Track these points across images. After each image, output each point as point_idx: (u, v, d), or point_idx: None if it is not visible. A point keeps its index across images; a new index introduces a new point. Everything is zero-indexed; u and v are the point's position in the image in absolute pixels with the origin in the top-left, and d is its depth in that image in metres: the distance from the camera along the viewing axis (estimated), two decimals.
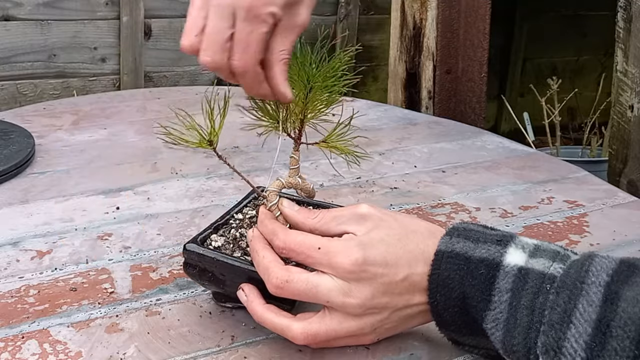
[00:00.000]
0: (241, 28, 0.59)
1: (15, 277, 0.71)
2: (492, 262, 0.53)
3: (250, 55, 0.60)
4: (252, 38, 0.59)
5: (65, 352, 0.59)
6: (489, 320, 0.53)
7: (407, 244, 0.57)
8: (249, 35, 0.59)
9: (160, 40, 2.37)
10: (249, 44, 0.59)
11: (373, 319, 0.57)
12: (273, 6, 0.59)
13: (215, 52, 0.60)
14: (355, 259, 0.55)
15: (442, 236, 0.57)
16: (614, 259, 0.51)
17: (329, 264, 0.56)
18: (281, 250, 0.58)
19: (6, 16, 2.19)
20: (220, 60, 0.60)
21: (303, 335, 0.57)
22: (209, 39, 0.60)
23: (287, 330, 0.57)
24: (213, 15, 0.59)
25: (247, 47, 0.59)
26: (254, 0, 0.58)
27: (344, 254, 0.55)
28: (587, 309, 0.48)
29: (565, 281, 0.50)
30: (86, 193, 0.91)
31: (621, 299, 0.48)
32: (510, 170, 1.03)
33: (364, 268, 0.55)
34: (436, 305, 0.55)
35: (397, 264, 0.56)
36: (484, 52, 1.78)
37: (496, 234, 0.56)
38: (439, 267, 0.55)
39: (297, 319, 0.58)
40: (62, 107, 1.26)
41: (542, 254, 0.53)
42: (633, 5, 1.34)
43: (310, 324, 0.57)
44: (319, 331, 0.57)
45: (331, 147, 0.64)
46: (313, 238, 0.58)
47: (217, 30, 0.59)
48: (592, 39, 3.01)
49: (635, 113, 1.35)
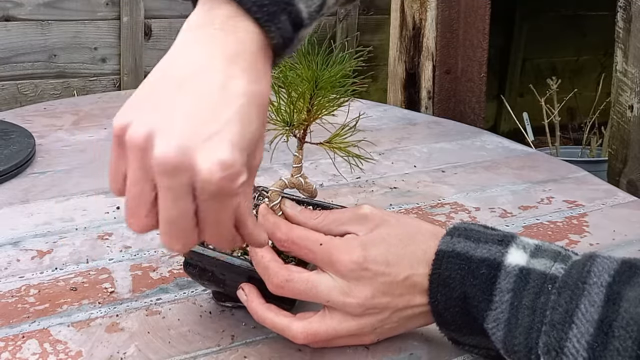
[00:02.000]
0: (208, 208, 0.47)
1: (15, 277, 0.71)
2: (493, 262, 0.53)
3: (226, 229, 0.49)
4: (223, 215, 0.48)
5: (66, 352, 0.59)
6: (490, 320, 0.53)
7: (408, 245, 0.57)
8: (219, 212, 0.48)
9: (161, 41, 2.37)
10: (221, 221, 0.49)
11: (374, 319, 0.57)
12: (243, 175, 0.47)
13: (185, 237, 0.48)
14: (356, 258, 0.55)
15: (443, 236, 0.57)
16: (616, 260, 0.51)
17: (330, 260, 0.56)
18: (283, 242, 0.58)
19: (7, 16, 2.19)
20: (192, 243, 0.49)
21: (303, 334, 0.57)
22: (173, 227, 0.48)
23: (287, 329, 0.57)
24: (167, 197, 0.47)
25: (220, 223, 0.49)
26: (221, 181, 0.46)
27: (345, 252, 0.56)
28: (589, 309, 0.48)
29: (567, 281, 0.50)
30: (87, 193, 0.91)
31: (623, 299, 0.47)
32: (510, 170, 1.03)
33: (365, 267, 0.55)
34: (437, 305, 0.55)
35: (398, 264, 0.56)
36: (484, 52, 1.78)
37: (497, 234, 0.56)
38: (440, 267, 0.55)
39: (297, 318, 0.58)
40: (62, 107, 1.26)
41: (543, 254, 0.53)
42: (633, 5, 1.34)
43: (310, 323, 0.57)
44: (319, 330, 0.57)
45: (334, 148, 0.64)
46: (316, 234, 0.58)
47: (178, 214, 0.47)
48: (591, 39, 3.01)
49: (635, 113, 1.35)
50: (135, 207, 0.48)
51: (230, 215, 0.49)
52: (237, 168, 0.46)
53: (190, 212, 0.47)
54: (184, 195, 0.46)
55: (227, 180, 0.46)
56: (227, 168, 0.45)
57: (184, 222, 0.47)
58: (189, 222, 0.47)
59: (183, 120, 0.46)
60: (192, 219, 0.47)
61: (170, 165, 0.45)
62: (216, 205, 0.47)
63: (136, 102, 0.49)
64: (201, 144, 0.45)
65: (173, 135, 0.46)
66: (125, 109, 0.48)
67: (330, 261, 0.56)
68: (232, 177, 0.46)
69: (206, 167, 0.45)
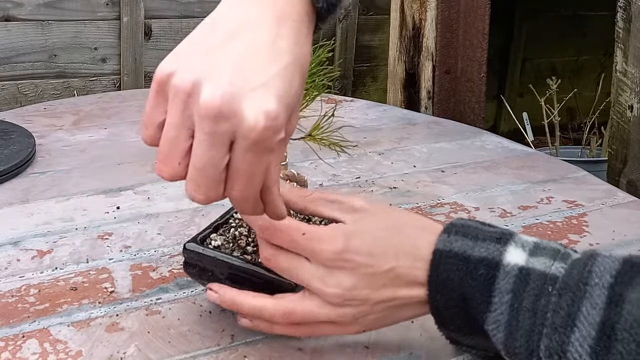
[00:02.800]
0: (243, 158, 0.49)
1: (15, 277, 0.71)
2: (492, 261, 0.53)
3: (255, 187, 0.51)
4: (257, 169, 0.49)
5: (66, 352, 0.59)
6: (490, 321, 0.52)
7: (395, 236, 0.56)
8: (253, 166, 0.49)
9: (161, 41, 2.37)
10: (253, 176, 0.50)
11: (354, 310, 0.56)
12: (282, 132, 0.49)
13: (210, 188, 0.50)
14: (338, 248, 0.55)
15: (440, 233, 0.56)
16: (617, 259, 0.50)
17: (312, 250, 0.55)
18: (264, 230, 0.57)
19: (7, 16, 2.19)
20: (216, 196, 0.50)
21: (280, 312, 0.56)
22: (201, 173, 0.49)
23: (264, 308, 0.57)
24: (203, 143, 0.48)
25: (251, 178, 0.50)
26: (264, 130, 0.47)
27: (327, 242, 0.55)
28: (591, 312, 0.47)
29: (568, 282, 0.49)
30: (87, 193, 0.91)
31: (626, 301, 0.47)
32: (510, 170, 1.03)
33: (347, 257, 0.55)
34: (436, 306, 0.55)
35: (382, 255, 0.55)
36: (484, 52, 1.78)
37: (495, 231, 0.55)
38: (438, 268, 0.54)
39: (274, 297, 0.57)
40: (62, 107, 1.26)
41: (543, 252, 0.53)
42: (633, 5, 1.34)
43: (288, 302, 0.57)
44: (296, 310, 0.56)
45: (317, 140, 0.64)
46: (299, 223, 0.57)
47: (210, 163, 0.48)
48: (591, 39, 3.01)
49: (634, 113, 1.35)
50: (169, 153, 0.49)
51: (263, 172, 0.50)
52: (280, 121, 0.48)
53: (223, 162, 0.48)
54: (222, 143, 0.48)
55: (270, 131, 0.47)
56: (272, 119, 0.47)
57: (214, 171, 0.49)
58: (218, 173, 0.49)
59: (232, 69, 0.48)
60: (223, 170, 0.49)
61: (216, 110, 0.47)
62: (252, 158, 0.48)
63: (183, 51, 0.50)
64: (248, 93, 0.47)
65: (221, 83, 0.47)
66: (171, 57, 0.50)
67: (313, 251, 0.55)
68: (275, 129, 0.48)
69: (252, 116, 0.47)
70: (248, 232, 0.65)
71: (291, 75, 0.50)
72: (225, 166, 0.49)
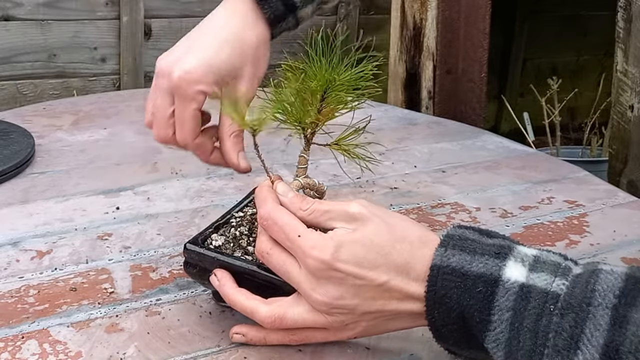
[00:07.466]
0: (176, 106, 0.67)
1: (15, 277, 0.71)
2: (490, 277, 0.51)
3: (187, 131, 0.68)
4: (185, 115, 0.67)
5: (65, 352, 0.59)
6: (490, 340, 0.51)
7: (390, 252, 0.55)
8: (182, 112, 0.67)
9: (160, 40, 2.37)
10: (184, 121, 0.67)
11: (343, 318, 0.56)
12: (201, 84, 0.66)
13: (160, 128, 0.69)
14: (327, 258, 0.54)
15: (437, 247, 0.54)
16: (620, 275, 0.49)
17: (302, 254, 0.55)
18: (264, 220, 0.58)
19: (6, 16, 2.19)
20: (165, 135, 0.69)
21: (270, 318, 0.57)
22: (155, 116, 0.69)
23: (256, 312, 0.58)
24: (158, 95, 0.68)
25: (183, 123, 0.68)
26: (181, 80, 0.66)
27: (317, 250, 0.54)
28: (594, 334, 0.46)
29: (570, 302, 0.48)
30: (86, 193, 0.91)
31: (630, 322, 0.46)
32: (510, 170, 1.03)
33: (335, 267, 0.54)
34: (434, 322, 0.54)
35: (373, 268, 0.54)
36: (484, 52, 1.78)
37: (493, 243, 0.54)
38: (435, 284, 0.53)
39: (266, 302, 0.58)
40: (62, 107, 1.26)
41: (543, 266, 0.51)
42: (633, 5, 1.34)
43: (278, 307, 0.57)
44: (286, 315, 0.57)
45: (342, 150, 0.64)
46: (298, 223, 0.57)
47: (160, 108, 0.68)
48: (592, 39, 3.01)
49: (635, 113, 1.35)
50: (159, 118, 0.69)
51: (191, 117, 0.67)
52: (194, 75, 0.66)
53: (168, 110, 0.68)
54: (164, 93, 0.68)
55: (184, 81, 0.66)
56: (185, 72, 0.66)
57: (162, 115, 0.68)
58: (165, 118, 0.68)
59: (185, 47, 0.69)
60: (170, 117, 0.68)
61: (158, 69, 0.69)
62: (179, 105, 0.67)
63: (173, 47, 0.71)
64: (181, 58, 0.68)
65: (173, 56, 0.69)
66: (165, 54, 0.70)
67: (303, 254, 0.55)
68: (188, 80, 0.66)
69: (174, 70, 0.67)
70: (249, 231, 0.65)
71: (219, 48, 0.68)
72: (171, 114, 0.68)
